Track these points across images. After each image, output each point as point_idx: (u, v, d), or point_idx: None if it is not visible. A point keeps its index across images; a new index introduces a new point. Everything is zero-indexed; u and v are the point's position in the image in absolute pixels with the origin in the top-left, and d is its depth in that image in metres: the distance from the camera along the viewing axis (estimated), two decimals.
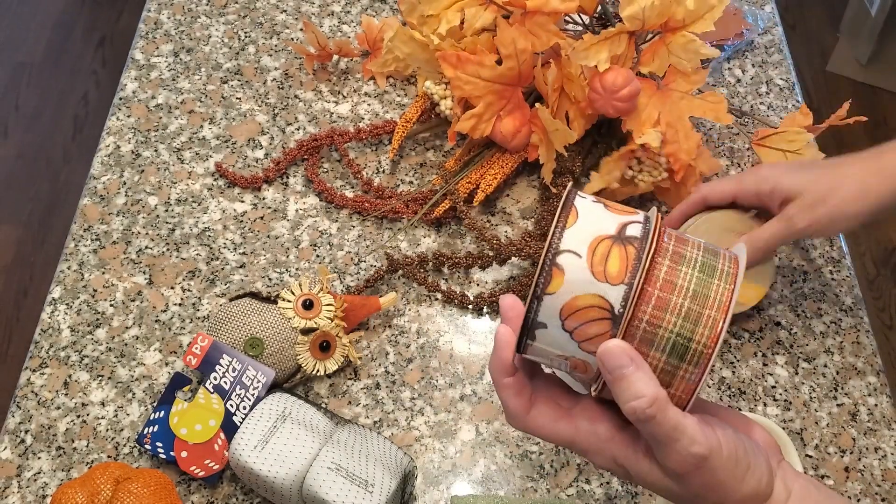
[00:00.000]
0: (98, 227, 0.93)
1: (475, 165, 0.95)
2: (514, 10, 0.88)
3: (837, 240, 0.94)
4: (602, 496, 0.77)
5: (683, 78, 0.88)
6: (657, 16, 0.83)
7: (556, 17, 0.87)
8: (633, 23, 0.83)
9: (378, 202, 0.94)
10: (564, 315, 0.49)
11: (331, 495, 0.69)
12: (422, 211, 0.93)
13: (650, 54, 0.87)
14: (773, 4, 1.17)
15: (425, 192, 0.95)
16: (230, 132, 1.01)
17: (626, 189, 0.91)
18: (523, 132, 0.92)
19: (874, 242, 2.06)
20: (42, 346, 0.85)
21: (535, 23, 0.87)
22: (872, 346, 0.87)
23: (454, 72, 0.88)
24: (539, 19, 0.86)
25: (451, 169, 0.95)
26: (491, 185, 0.93)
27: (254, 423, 0.73)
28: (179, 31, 1.11)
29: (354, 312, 0.84)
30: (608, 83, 0.84)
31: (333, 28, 1.12)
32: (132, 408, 0.81)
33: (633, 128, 0.88)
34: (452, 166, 0.96)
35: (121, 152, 0.99)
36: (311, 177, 0.96)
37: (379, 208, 0.93)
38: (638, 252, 0.48)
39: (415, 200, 0.94)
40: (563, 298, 0.48)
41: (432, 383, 0.83)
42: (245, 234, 0.93)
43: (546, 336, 0.50)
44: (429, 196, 0.94)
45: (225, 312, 0.82)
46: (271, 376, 0.79)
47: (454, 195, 0.92)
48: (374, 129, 0.99)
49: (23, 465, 0.78)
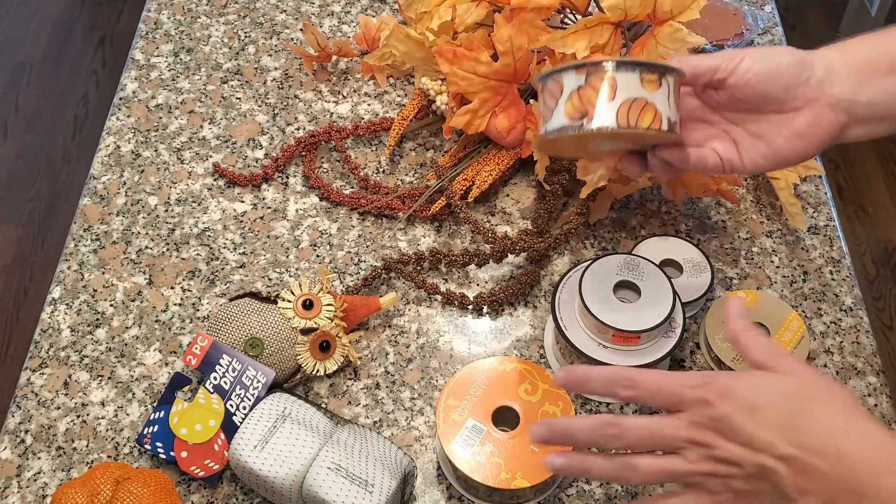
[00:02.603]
0: (98, 227, 0.93)
1: (471, 161, 0.95)
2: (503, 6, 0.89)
3: (837, 240, 0.94)
4: (602, 496, 0.77)
5: None
6: (639, 5, 0.83)
7: (545, 14, 0.88)
8: (615, 13, 0.84)
9: (374, 198, 0.94)
10: None
11: (331, 495, 0.69)
12: (415, 205, 0.93)
13: (640, 48, 0.87)
14: (773, 4, 1.17)
15: (421, 188, 0.95)
16: (230, 132, 1.01)
17: (623, 185, 0.91)
18: (518, 129, 0.92)
19: (874, 242, 2.06)
20: (42, 346, 0.85)
21: (523, 19, 0.87)
22: (872, 346, 0.87)
23: (450, 67, 0.88)
24: (527, 16, 0.87)
25: (446, 165, 0.95)
26: (486, 182, 0.93)
27: (254, 423, 0.73)
28: (179, 32, 1.11)
29: (354, 312, 0.84)
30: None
31: (333, 28, 1.12)
32: (132, 408, 0.81)
33: None
34: (447, 162, 0.96)
35: (121, 152, 0.99)
36: (308, 173, 0.96)
37: (375, 204, 0.93)
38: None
39: (410, 196, 0.94)
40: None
41: (432, 383, 0.83)
42: (245, 234, 0.93)
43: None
44: (424, 192, 0.94)
45: (225, 312, 0.82)
46: (271, 376, 0.79)
47: (450, 192, 0.92)
48: (371, 126, 0.99)
49: (23, 465, 0.78)
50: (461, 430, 0.73)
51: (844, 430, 0.53)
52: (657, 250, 0.88)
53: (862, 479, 0.51)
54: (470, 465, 0.71)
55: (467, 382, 0.75)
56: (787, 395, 0.54)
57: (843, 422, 0.53)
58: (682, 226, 0.95)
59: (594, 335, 0.78)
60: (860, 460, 0.51)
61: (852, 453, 0.52)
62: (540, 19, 0.88)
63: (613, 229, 0.94)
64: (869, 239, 2.06)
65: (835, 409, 0.54)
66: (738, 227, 0.95)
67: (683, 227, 0.94)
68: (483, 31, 0.92)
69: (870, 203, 2.13)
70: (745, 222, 0.95)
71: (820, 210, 0.97)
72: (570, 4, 0.91)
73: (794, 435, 0.52)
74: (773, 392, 0.55)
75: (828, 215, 0.96)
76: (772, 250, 0.93)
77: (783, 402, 0.54)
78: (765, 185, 0.98)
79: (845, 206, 2.12)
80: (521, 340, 0.86)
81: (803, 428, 0.53)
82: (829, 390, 0.55)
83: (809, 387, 0.55)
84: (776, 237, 0.94)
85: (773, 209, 0.96)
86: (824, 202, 0.97)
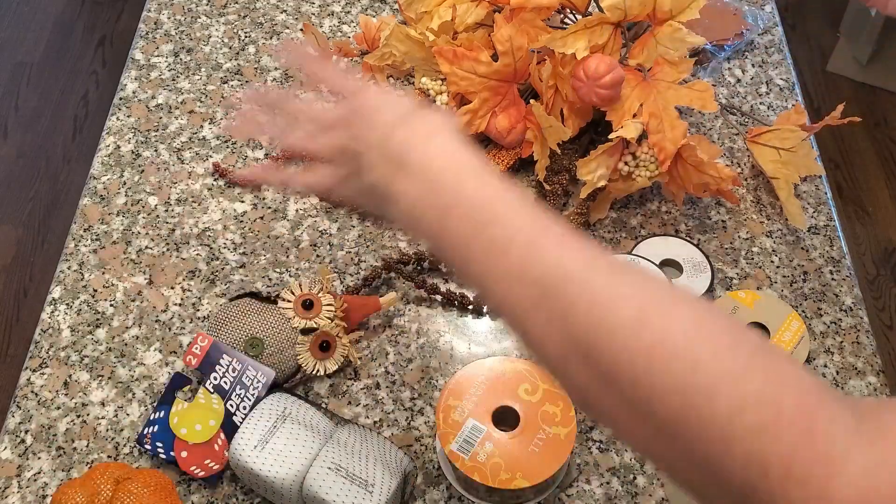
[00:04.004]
0: (98, 227, 0.93)
1: None
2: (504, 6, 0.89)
3: (837, 240, 0.94)
4: (602, 496, 0.77)
5: (671, 67, 0.88)
6: (639, 5, 0.83)
7: (545, 14, 0.88)
8: (615, 13, 0.84)
9: None
10: None
11: (331, 495, 0.69)
12: None
13: (640, 47, 0.87)
14: (773, 4, 1.17)
15: None
16: (230, 132, 1.01)
17: (623, 185, 0.91)
18: (518, 128, 0.92)
19: (874, 242, 2.06)
20: (42, 346, 0.85)
21: (523, 19, 0.87)
22: (872, 346, 0.87)
23: (450, 67, 0.88)
24: (526, 16, 0.87)
25: None
26: None
27: (254, 423, 0.73)
28: (179, 31, 1.11)
29: (354, 312, 0.84)
30: (591, 70, 0.85)
31: (333, 28, 1.12)
32: (132, 408, 0.81)
33: (614, 119, 0.88)
34: None
35: (121, 152, 0.99)
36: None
37: None
38: None
39: None
40: None
41: (432, 383, 0.83)
42: (245, 234, 0.93)
43: None
44: None
45: (225, 312, 0.82)
46: (271, 376, 0.79)
47: None
48: None
49: (23, 465, 0.78)
50: (461, 430, 0.73)
51: (444, 144, 0.57)
52: (657, 250, 0.88)
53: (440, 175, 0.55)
54: (470, 465, 0.71)
55: (467, 382, 0.75)
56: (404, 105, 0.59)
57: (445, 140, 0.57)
58: (682, 226, 0.95)
59: None
60: (446, 167, 0.55)
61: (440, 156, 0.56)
62: (540, 19, 0.88)
63: (613, 229, 0.94)
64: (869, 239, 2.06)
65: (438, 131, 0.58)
66: (738, 227, 0.95)
67: (683, 227, 0.94)
68: (483, 31, 0.92)
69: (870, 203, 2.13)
70: (745, 222, 0.95)
71: (820, 210, 0.97)
72: (570, 4, 0.91)
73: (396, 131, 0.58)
74: (393, 102, 0.60)
75: (828, 215, 0.96)
76: (772, 250, 0.93)
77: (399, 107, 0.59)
78: (765, 185, 0.98)
79: (845, 206, 2.12)
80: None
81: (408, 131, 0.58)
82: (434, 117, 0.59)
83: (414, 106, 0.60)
84: (776, 237, 0.94)
85: (773, 209, 0.96)
86: (824, 202, 0.97)
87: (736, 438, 0.41)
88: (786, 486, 0.41)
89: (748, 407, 0.42)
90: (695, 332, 0.44)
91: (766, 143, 0.93)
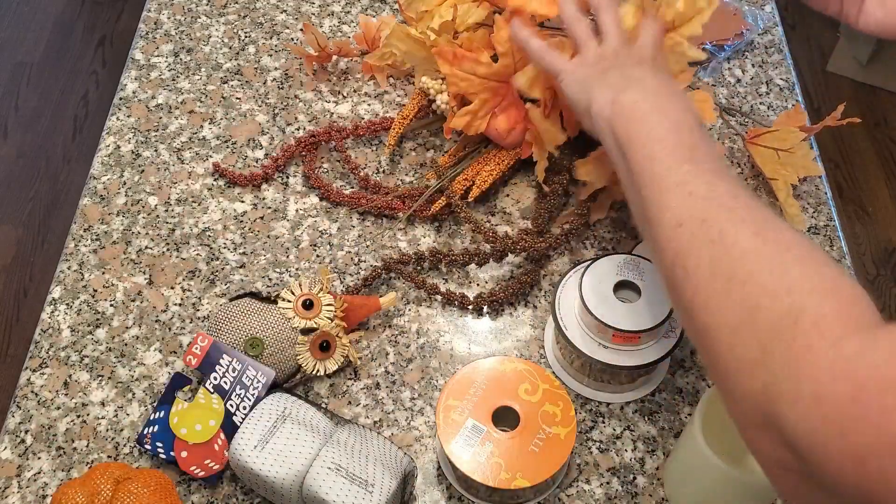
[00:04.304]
0: (98, 227, 0.93)
1: (471, 161, 0.95)
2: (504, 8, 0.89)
3: (838, 240, 0.94)
4: (602, 496, 0.77)
5: None
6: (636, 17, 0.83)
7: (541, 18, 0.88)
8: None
9: (374, 198, 0.94)
10: None
11: (331, 495, 0.69)
12: (415, 204, 0.93)
13: None
14: (773, 4, 1.17)
15: (421, 188, 0.95)
16: (230, 132, 1.01)
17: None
18: (518, 129, 0.92)
19: (874, 242, 2.06)
20: (42, 346, 0.85)
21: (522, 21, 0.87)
22: None
23: (450, 68, 0.88)
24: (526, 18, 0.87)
25: (446, 165, 0.96)
26: (486, 182, 0.93)
27: (254, 423, 0.73)
28: (179, 31, 1.11)
29: (354, 312, 0.84)
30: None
31: (333, 28, 1.12)
32: (132, 408, 0.81)
33: None
34: (447, 162, 0.96)
35: (121, 152, 0.99)
36: (308, 172, 0.96)
37: (375, 203, 0.93)
38: None
39: (410, 196, 0.94)
40: None
41: (432, 383, 0.83)
42: (245, 234, 0.93)
43: None
44: (424, 192, 0.94)
45: (225, 312, 0.82)
46: (271, 376, 0.79)
47: (450, 192, 0.92)
48: (371, 126, 0.99)
49: (23, 465, 0.78)
50: (461, 430, 0.73)
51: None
52: None
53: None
54: (470, 465, 0.71)
55: (467, 382, 0.76)
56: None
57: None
58: None
59: (594, 335, 0.78)
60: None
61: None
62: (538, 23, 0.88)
63: (613, 229, 0.94)
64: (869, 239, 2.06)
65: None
66: None
67: None
68: (484, 32, 0.92)
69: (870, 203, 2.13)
70: None
71: (820, 210, 0.97)
72: None
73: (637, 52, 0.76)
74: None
75: (828, 215, 0.96)
76: None
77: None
78: (764, 185, 0.98)
79: (845, 206, 2.12)
80: (521, 340, 0.86)
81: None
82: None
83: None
84: None
85: (773, 209, 0.96)
86: (824, 202, 0.97)
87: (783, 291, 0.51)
88: (809, 332, 0.48)
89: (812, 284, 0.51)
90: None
91: (765, 144, 0.93)
